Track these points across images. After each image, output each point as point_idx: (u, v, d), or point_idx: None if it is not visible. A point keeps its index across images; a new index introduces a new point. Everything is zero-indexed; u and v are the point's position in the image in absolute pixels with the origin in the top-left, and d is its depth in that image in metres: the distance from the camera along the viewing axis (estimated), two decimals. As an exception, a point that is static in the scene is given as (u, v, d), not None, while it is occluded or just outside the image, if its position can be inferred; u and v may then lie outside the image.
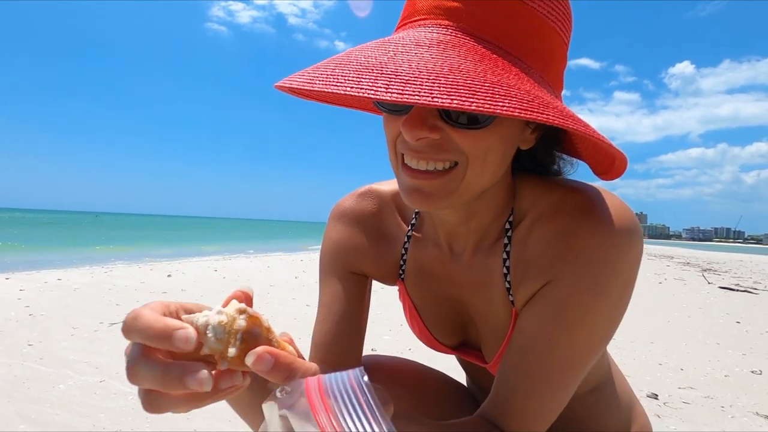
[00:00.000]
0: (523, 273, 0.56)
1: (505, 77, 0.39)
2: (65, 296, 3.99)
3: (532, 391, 0.52)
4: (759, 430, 1.84)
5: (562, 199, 0.55)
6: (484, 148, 0.46)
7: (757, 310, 4.83)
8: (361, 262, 0.68)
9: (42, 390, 1.91)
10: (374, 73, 0.38)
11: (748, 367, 2.72)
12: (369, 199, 0.69)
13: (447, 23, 0.43)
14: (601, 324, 0.53)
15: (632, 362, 2.73)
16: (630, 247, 0.51)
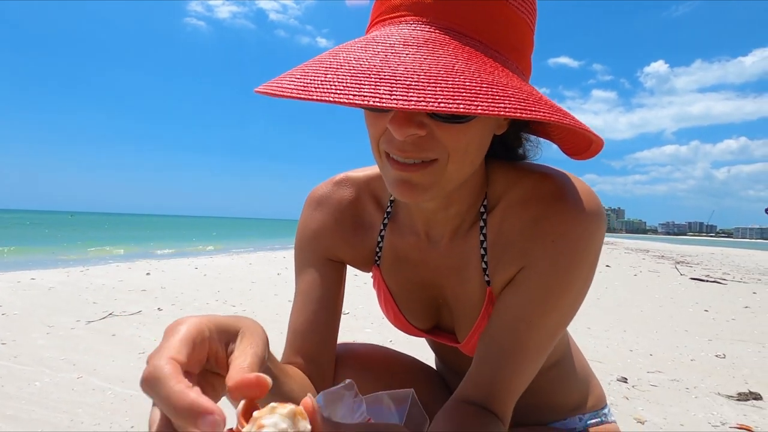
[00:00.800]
0: (500, 256, 0.59)
1: (497, 76, 0.40)
2: (39, 295, 3.90)
3: (517, 368, 0.56)
4: (719, 408, 1.94)
5: (535, 185, 0.57)
6: (465, 142, 0.47)
7: (724, 299, 5.03)
8: (338, 248, 0.69)
9: (17, 387, 1.89)
10: (372, 78, 0.38)
11: (713, 351, 2.85)
12: (345, 187, 0.70)
13: (426, 20, 0.44)
14: (573, 301, 0.57)
15: (605, 349, 2.82)
16: (598, 230, 0.55)
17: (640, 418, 1.81)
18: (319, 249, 0.70)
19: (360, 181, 0.70)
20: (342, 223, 0.69)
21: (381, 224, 0.68)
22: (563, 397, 0.77)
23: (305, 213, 0.71)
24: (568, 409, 0.77)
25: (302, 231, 0.71)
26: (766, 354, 2.83)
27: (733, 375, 2.39)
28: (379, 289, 0.72)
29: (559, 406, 0.77)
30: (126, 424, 1.61)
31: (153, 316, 3.27)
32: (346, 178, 0.71)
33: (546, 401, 0.77)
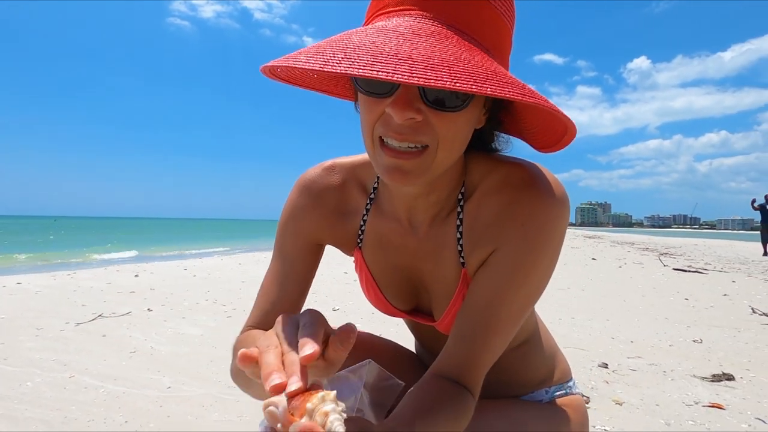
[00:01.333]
0: (476, 240, 0.64)
1: (496, 67, 0.46)
2: (27, 299, 3.88)
3: (488, 343, 0.60)
4: (694, 389, 2.03)
5: (508, 174, 0.62)
6: (454, 130, 0.52)
7: (705, 288, 5.18)
8: (321, 231, 0.73)
9: (8, 388, 1.90)
10: (392, 59, 0.42)
11: (690, 337, 2.95)
12: (333, 173, 0.74)
13: (430, 15, 0.49)
14: (541, 279, 0.62)
15: (588, 338, 2.91)
16: (563, 214, 0.60)
17: (618, 400, 1.89)
18: (302, 231, 0.73)
19: (347, 167, 0.74)
20: (327, 206, 0.73)
21: (364, 209, 0.72)
22: (531, 372, 0.83)
23: (293, 195, 0.75)
24: (535, 383, 0.82)
25: (288, 212, 0.74)
26: (740, 338, 2.95)
27: (708, 358, 2.50)
28: (360, 272, 0.76)
29: (528, 381, 0.82)
30: (120, 419, 1.64)
31: (143, 317, 3.27)
32: (334, 164, 0.75)
33: (515, 377, 0.82)
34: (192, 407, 1.75)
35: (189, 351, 2.49)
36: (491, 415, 0.72)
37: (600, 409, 1.81)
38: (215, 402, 1.81)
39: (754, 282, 5.75)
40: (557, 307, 3.87)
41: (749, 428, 1.66)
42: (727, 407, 1.84)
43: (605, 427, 1.65)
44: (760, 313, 3.73)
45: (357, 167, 0.74)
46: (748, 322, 3.43)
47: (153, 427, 1.58)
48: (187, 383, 2.00)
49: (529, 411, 0.78)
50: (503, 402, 0.78)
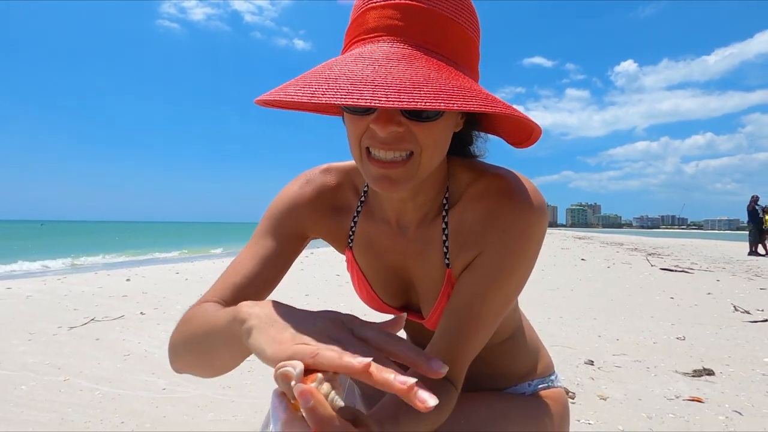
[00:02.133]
0: (461, 244, 0.69)
1: (462, 81, 0.52)
2: (17, 304, 3.86)
3: (470, 339, 0.65)
4: (675, 384, 2.11)
5: (490, 183, 0.68)
6: (434, 138, 0.57)
7: (690, 287, 5.30)
8: (314, 225, 0.78)
9: (4, 391, 1.92)
10: (369, 86, 0.47)
11: (674, 334, 3.04)
12: (330, 174, 0.79)
13: (400, 39, 0.54)
14: (519, 280, 0.67)
15: (575, 336, 2.98)
16: (542, 221, 0.66)
17: (602, 395, 1.96)
18: (297, 220, 0.77)
19: (342, 170, 0.80)
20: (321, 203, 0.78)
21: (355, 210, 0.77)
22: (515, 366, 0.87)
23: (293, 187, 0.79)
24: (518, 377, 0.87)
25: (286, 200, 0.78)
26: (721, 335, 3.04)
27: (690, 354, 2.58)
28: (352, 270, 0.81)
29: (512, 374, 0.87)
30: (116, 420, 1.67)
31: (136, 320, 3.28)
32: (330, 167, 0.80)
33: (500, 371, 0.86)
34: (187, 408, 1.79)
35: (183, 353, 2.52)
36: (474, 405, 0.77)
37: (585, 404, 1.87)
38: (210, 403, 1.84)
39: (738, 281, 5.89)
40: (546, 306, 3.95)
41: (726, 420, 1.73)
42: (706, 401, 1.91)
43: (589, 421, 1.71)
44: (741, 310, 3.84)
45: (350, 171, 0.79)
46: (730, 319, 3.53)
47: (149, 428, 1.61)
48: (182, 385, 2.03)
49: (511, 402, 0.83)
50: (486, 393, 0.83)
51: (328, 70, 0.52)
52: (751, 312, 3.78)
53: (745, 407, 1.85)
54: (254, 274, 0.72)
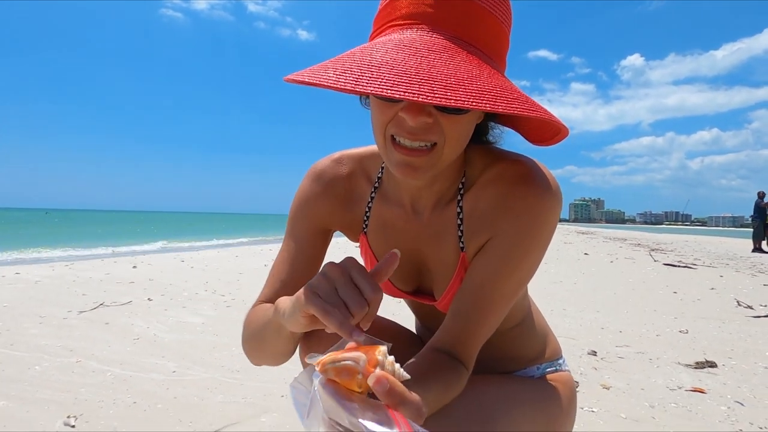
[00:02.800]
0: (474, 227, 0.70)
1: (501, 80, 0.53)
2: (27, 288, 3.91)
3: (481, 321, 0.67)
4: (678, 375, 2.13)
5: (506, 168, 0.69)
6: (459, 130, 0.58)
7: (693, 282, 5.31)
8: (330, 217, 0.79)
9: (18, 371, 1.96)
10: (415, 78, 0.48)
11: (677, 327, 3.06)
12: (341, 164, 0.80)
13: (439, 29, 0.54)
14: (531, 265, 0.68)
15: (578, 327, 3.00)
16: (556, 208, 0.67)
17: (605, 385, 1.98)
18: (312, 217, 0.79)
19: (354, 158, 0.81)
20: (336, 195, 0.79)
21: (369, 197, 0.78)
22: (524, 350, 0.89)
23: (304, 184, 0.81)
24: (527, 360, 0.89)
25: (299, 199, 0.81)
26: (724, 329, 3.05)
27: (693, 347, 2.60)
28: (365, 255, 0.82)
29: (521, 358, 0.89)
30: (128, 400, 1.70)
31: (144, 306, 3.33)
32: (342, 156, 0.81)
33: (510, 354, 0.88)
34: (197, 390, 1.82)
35: (191, 338, 2.56)
36: (484, 386, 0.78)
37: (588, 392, 1.90)
38: (219, 385, 1.87)
39: (741, 277, 5.89)
40: (550, 299, 3.97)
41: (728, 410, 1.75)
42: (708, 391, 1.93)
43: (593, 409, 1.73)
44: (744, 305, 3.85)
45: (363, 158, 0.80)
46: (733, 314, 3.55)
47: (161, 408, 1.65)
48: (191, 368, 2.07)
49: (520, 384, 0.85)
50: (497, 376, 0.85)
51: (368, 56, 0.51)
52: (754, 307, 3.79)
53: (747, 398, 1.87)
54: (288, 278, 0.77)
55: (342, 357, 0.39)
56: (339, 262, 0.51)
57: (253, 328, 0.73)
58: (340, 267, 0.50)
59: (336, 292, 0.48)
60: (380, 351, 0.41)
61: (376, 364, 0.40)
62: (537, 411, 0.77)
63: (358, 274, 0.49)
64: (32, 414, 1.57)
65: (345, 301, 0.47)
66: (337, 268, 0.49)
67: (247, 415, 1.62)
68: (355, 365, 0.39)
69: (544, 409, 0.80)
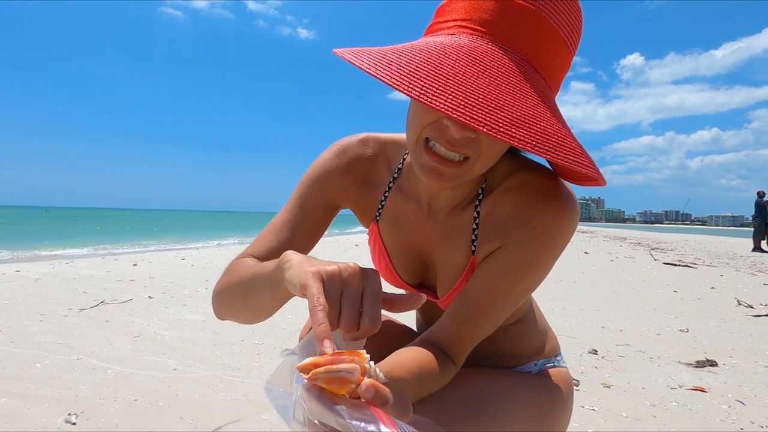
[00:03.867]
0: (489, 233, 0.69)
1: (560, 124, 0.52)
2: (27, 286, 3.91)
3: (478, 324, 0.66)
4: (678, 374, 2.13)
5: (528, 179, 0.68)
6: (496, 150, 0.58)
7: (693, 281, 5.31)
8: (346, 194, 0.78)
9: (18, 368, 1.96)
10: (485, 102, 0.47)
11: (677, 326, 3.06)
12: (367, 146, 0.79)
13: (506, 45, 0.53)
14: (538, 278, 0.68)
15: (579, 326, 3.00)
16: (571, 225, 0.66)
17: (606, 383, 1.98)
18: (330, 189, 0.78)
19: (379, 142, 0.79)
20: (357, 174, 0.78)
21: (387, 186, 0.77)
22: (524, 346, 0.89)
23: (325, 155, 0.79)
24: (526, 356, 0.89)
25: (318, 169, 0.79)
26: (725, 328, 3.06)
27: (693, 346, 2.60)
28: (374, 244, 0.82)
29: (520, 354, 0.89)
30: (129, 397, 1.70)
31: (144, 304, 3.33)
32: (368, 137, 0.80)
33: (509, 350, 0.88)
34: (198, 387, 1.82)
35: (192, 336, 2.56)
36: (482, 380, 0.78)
37: (589, 391, 1.90)
38: (221, 383, 1.88)
39: (741, 276, 5.89)
40: (550, 297, 3.97)
41: (729, 409, 1.75)
42: (709, 390, 1.93)
43: (594, 408, 1.73)
44: (745, 304, 3.85)
45: (387, 144, 0.79)
46: (734, 313, 3.55)
47: (162, 406, 1.65)
48: (192, 365, 2.07)
49: (518, 378, 0.85)
50: (495, 370, 0.85)
51: (436, 60, 0.50)
52: (754, 306, 3.79)
53: (748, 397, 1.87)
54: (287, 239, 0.75)
55: (337, 369, 0.39)
56: (365, 269, 0.49)
57: (240, 276, 0.66)
58: (361, 276, 0.47)
59: (340, 294, 0.46)
60: (365, 359, 0.41)
61: (365, 372, 0.40)
62: (530, 404, 0.77)
63: (372, 295, 0.46)
64: (33, 411, 1.58)
65: (341, 309, 0.45)
66: (357, 275, 0.47)
67: (248, 412, 1.62)
68: (350, 376, 0.39)
69: (539, 404, 0.79)
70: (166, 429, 1.49)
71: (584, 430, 1.56)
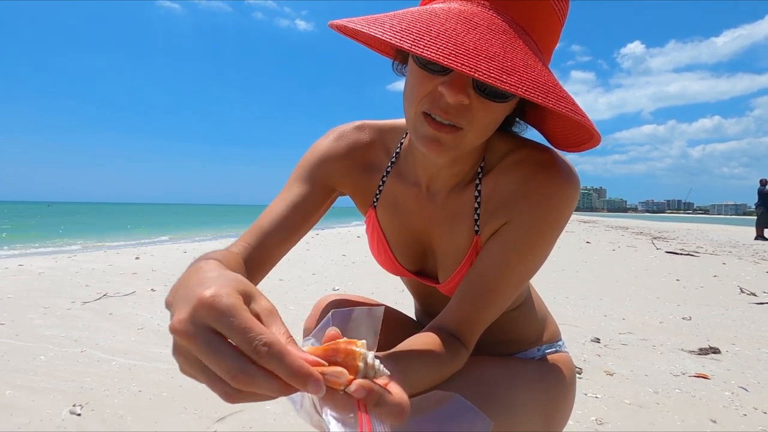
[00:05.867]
0: (493, 211, 0.69)
1: (552, 77, 0.53)
2: (30, 280, 3.93)
3: (488, 305, 0.66)
4: (681, 362, 2.13)
5: (528, 153, 0.68)
6: (490, 118, 0.58)
7: (696, 270, 5.30)
8: (344, 179, 0.78)
9: (23, 361, 1.97)
10: (475, 52, 0.47)
11: (680, 314, 3.06)
12: (362, 132, 0.79)
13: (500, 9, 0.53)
14: (543, 252, 0.68)
15: (581, 315, 3.00)
16: (573, 197, 0.66)
17: (609, 371, 1.98)
18: (323, 174, 0.77)
19: (375, 128, 0.79)
20: (352, 159, 0.78)
21: (385, 170, 0.77)
22: (525, 333, 0.89)
23: (323, 140, 0.79)
24: (527, 342, 0.89)
25: (313, 152, 0.78)
26: (728, 315, 3.05)
27: (696, 334, 2.60)
28: (372, 231, 0.81)
29: (521, 340, 0.89)
30: (134, 389, 1.71)
31: (147, 297, 3.34)
32: (364, 124, 0.80)
33: (510, 336, 0.88)
34: (202, 378, 1.83)
35: (195, 328, 2.56)
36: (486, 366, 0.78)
37: (592, 379, 1.90)
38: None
39: (744, 264, 5.88)
40: (552, 287, 3.97)
41: (732, 396, 1.75)
42: (712, 377, 1.93)
43: (597, 395, 1.74)
44: (747, 292, 3.85)
45: (384, 130, 0.79)
46: (737, 301, 3.55)
47: (166, 396, 1.66)
48: (196, 357, 2.08)
49: (521, 364, 0.85)
50: (498, 357, 0.85)
51: (426, 19, 0.51)
52: (757, 294, 3.79)
53: (751, 384, 1.87)
54: (281, 217, 0.73)
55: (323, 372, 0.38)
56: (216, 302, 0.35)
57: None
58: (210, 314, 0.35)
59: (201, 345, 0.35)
60: (360, 356, 0.40)
61: (356, 371, 0.40)
62: (538, 389, 0.78)
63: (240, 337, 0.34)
64: (38, 403, 1.58)
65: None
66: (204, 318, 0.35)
67: (252, 402, 1.63)
68: (336, 379, 0.38)
69: (545, 388, 0.80)
70: (171, 419, 1.49)
71: (587, 417, 1.57)
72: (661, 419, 1.56)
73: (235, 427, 1.47)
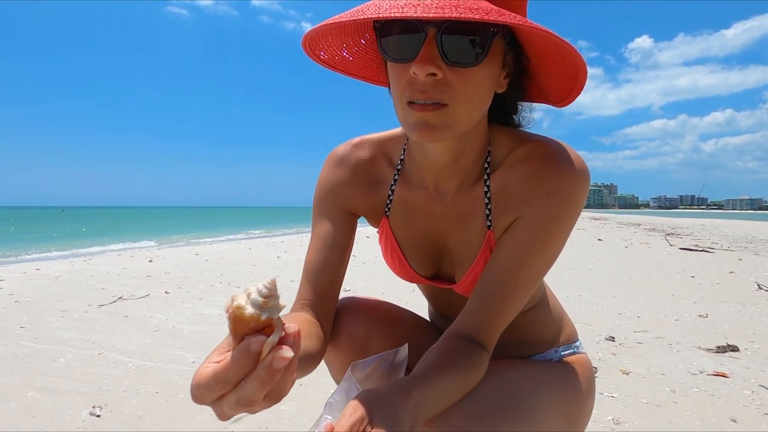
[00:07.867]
0: (503, 205, 0.69)
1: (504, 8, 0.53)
2: (48, 284, 4.00)
3: (505, 303, 0.66)
4: (699, 360, 2.10)
5: (536, 147, 0.68)
6: (472, 88, 0.58)
7: (711, 266, 5.22)
8: (353, 201, 0.79)
9: (43, 363, 2.00)
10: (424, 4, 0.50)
11: (696, 312, 3.01)
12: (362, 148, 0.80)
13: None
14: (558, 245, 0.68)
15: (595, 313, 2.98)
16: (585, 188, 0.66)
17: (625, 370, 1.96)
18: (337, 201, 0.79)
19: (374, 142, 0.80)
20: (358, 179, 0.79)
21: (392, 179, 0.78)
22: (541, 334, 0.89)
23: (326, 170, 0.81)
24: (544, 344, 0.88)
25: (322, 185, 0.80)
26: (746, 312, 3.00)
27: (713, 332, 2.56)
28: (386, 240, 0.81)
29: (538, 342, 0.88)
30: (151, 390, 1.74)
31: (161, 299, 3.38)
32: (362, 140, 0.81)
33: (527, 338, 0.88)
34: (217, 379, 1.85)
35: (209, 329, 2.59)
36: (505, 370, 0.78)
37: (607, 378, 1.88)
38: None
39: (761, 260, 5.77)
40: (564, 285, 3.94)
41: (752, 394, 1.72)
42: (731, 376, 1.90)
43: (613, 394, 1.72)
44: (765, 288, 3.78)
45: (383, 142, 0.80)
46: (754, 297, 3.48)
47: (183, 398, 1.68)
48: (211, 358, 2.10)
49: (541, 367, 0.84)
50: (517, 360, 0.85)
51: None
52: (775, 290, 3.71)
53: (771, 382, 1.84)
54: (321, 266, 0.76)
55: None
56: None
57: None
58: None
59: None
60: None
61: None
62: (558, 393, 0.77)
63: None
64: (59, 404, 1.61)
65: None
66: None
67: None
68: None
69: (565, 391, 0.79)
70: (187, 420, 1.51)
71: (604, 416, 1.55)
72: (680, 418, 1.54)
73: (251, 428, 1.48)
